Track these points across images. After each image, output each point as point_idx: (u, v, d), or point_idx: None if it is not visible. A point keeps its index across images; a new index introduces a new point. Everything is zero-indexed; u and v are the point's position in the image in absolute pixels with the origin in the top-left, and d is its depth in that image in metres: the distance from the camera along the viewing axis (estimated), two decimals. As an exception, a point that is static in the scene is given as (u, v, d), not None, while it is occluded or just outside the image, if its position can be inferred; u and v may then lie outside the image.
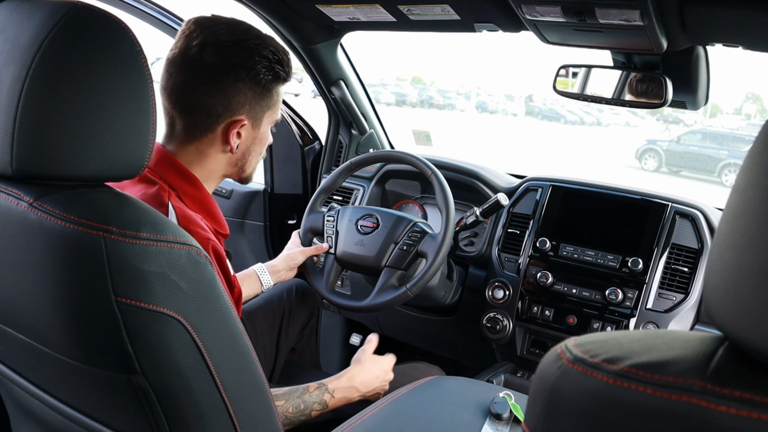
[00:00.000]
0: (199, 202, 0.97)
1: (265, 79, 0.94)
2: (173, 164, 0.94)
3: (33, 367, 0.74)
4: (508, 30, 1.37)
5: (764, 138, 0.35)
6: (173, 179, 0.93)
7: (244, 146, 0.98)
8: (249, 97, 0.94)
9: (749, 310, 0.32)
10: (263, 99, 0.96)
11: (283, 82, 0.98)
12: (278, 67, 0.95)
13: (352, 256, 1.37)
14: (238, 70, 0.91)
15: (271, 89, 0.96)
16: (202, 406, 0.66)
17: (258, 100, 0.95)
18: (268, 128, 1.01)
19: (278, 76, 0.96)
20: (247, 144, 0.99)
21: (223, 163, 0.99)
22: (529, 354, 1.54)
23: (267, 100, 0.97)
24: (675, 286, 1.36)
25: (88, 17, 0.60)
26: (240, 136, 0.96)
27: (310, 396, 1.04)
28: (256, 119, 0.97)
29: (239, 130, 0.95)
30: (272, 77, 0.95)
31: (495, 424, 0.99)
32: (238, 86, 0.92)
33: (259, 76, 0.93)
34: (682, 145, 11.73)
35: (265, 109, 0.98)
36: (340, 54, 1.78)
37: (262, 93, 0.95)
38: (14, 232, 0.62)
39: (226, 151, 0.97)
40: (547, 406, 0.39)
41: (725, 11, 1.02)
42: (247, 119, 0.95)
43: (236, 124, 0.94)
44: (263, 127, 0.99)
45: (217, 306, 0.66)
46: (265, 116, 0.98)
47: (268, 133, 1.02)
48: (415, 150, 1.65)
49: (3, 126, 0.59)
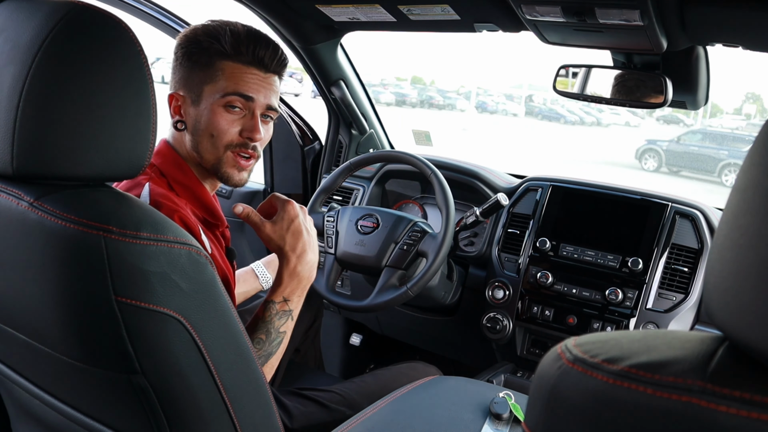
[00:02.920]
0: (186, 188, 0.97)
1: (195, 52, 0.95)
2: (165, 149, 0.99)
3: (33, 367, 0.74)
4: (508, 30, 1.37)
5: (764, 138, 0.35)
6: (163, 165, 0.97)
7: (192, 124, 0.97)
8: (180, 71, 0.98)
9: (749, 310, 0.32)
10: (195, 72, 0.96)
11: (223, 56, 0.95)
12: (211, 41, 0.94)
13: (352, 256, 1.37)
14: (177, 50, 0.97)
15: (205, 62, 0.95)
16: (202, 406, 0.66)
17: (189, 73, 0.96)
18: (216, 106, 0.95)
19: (213, 50, 0.94)
20: (191, 122, 0.97)
21: (185, 148, 0.99)
22: (529, 354, 1.54)
23: (201, 73, 0.95)
24: (675, 286, 1.36)
25: (88, 17, 0.60)
26: (179, 113, 0.98)
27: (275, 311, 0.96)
28: (194, 94, 0.97)
29: (178, 105, 0.98)
30: (203, 50, 0.95)
31: (495, 424, 0.99)
32: (175, 64, 0.98)
33: (190, 49, 0.96)
34: (682, 145, 11.72)
35: (202, 83, 0.96)
36: (340, 54, 1.78)
37: (192, 67, 0.96)
38: (14, 231, 0.62)
39: (179, 130, 0.99)
40: (547, 406, 0.39)
41: (725, 11, 1.02)
42: (184, 93, 0.97)
43: (171, 98, 0.99)
44: (204, 102, 0.96)
45: (217, 306, 0.66)
46: (204, 91, 0.96)
47: (218, 114, 0.96)
48: (415, 150, 1.65)
49: (3, 126, 0.59)
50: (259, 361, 0.77)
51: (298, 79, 16.27)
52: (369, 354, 2.10)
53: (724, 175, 10.30)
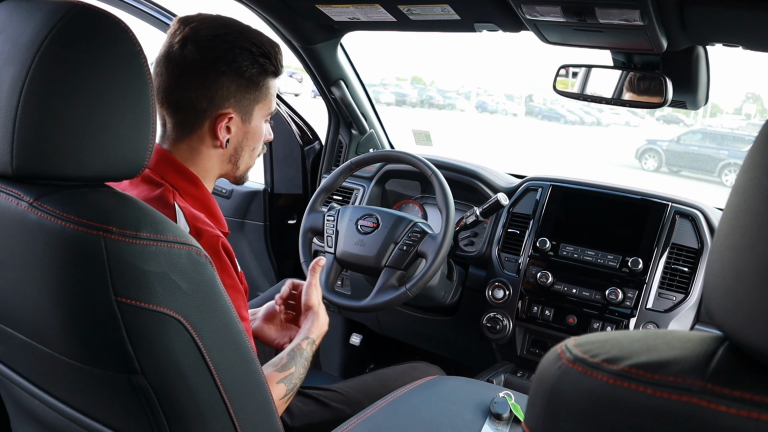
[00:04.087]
0: (200, 201, 0.96)
1: (249, 72, 0.94)
2: (173, 163, 0.94)
3: (33, 367, 0.74)
4: (508, 30, 1.37)
5: (764, 138, 0.35)
6: (174, 179, 0.93)
7: (235, 141, 0.98)
8: (233, 90, 0.94)
9: (749, 310, 0.32)
10: (249, 92, 0.95)
11: (272, 76, 0.97)
12: (263, 60, 0.94)
13: (352, 255, 1.37)
14: (218, 64, 0.91)
15: (258, 82, 0.95)
16: (202, 406, 0.66)
17: (244, 93, 0.95)
18: (261, 122, 1.00)
19: (265, 69, 0.95)
20: (239, 138, 0.98)
21: (217, 160, 0.98)
22: (529, 354, 1.54)
23: (254, 93, 0.96)
24: (675, 286, 1.36)
25: (88, 17, 0.60)
26: (229, 131, 0.96)
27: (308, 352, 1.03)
28: (245, 113, 0.97)
29: (228, 125, 0.95)
30: (257, 70, 0.94)
31: (495, 424, 0.99)
32: (221, 80, 0.92)
33: (242, 69, 0.93)
34: (682, 145, 11.72)
35: (254, 103, 0.97)
36: (340, 54, 1.78)
37: (248, 86, 0.95)
38: (14, 232, 0.62)
39: (217, 147, 0.96)
40: (547, 406, 0.39)
41: (725, 11, 1.02)
42: (234, 113, 0.95)
43: (222, 117, 0.94)
44: (254, 121, 0.98)
45: (217, 306, 0.66)
46: (255, 110, 0.97)
47: (262, 128, 1.01)
48: (415, 150, 1.65)
49: (3, 126, 0.59)
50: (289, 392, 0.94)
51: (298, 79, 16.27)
52: (369, 354, 2.10)
53: (724, 175, 10.30)
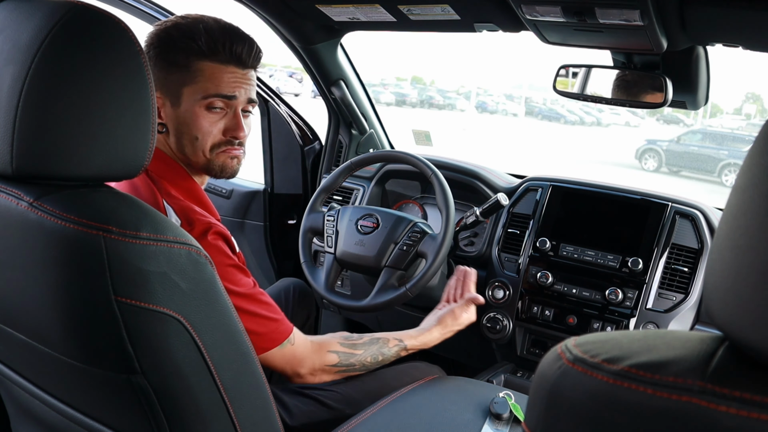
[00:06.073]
0: (187, 191, 0.97)
1: (170, 52, 0.93)
2: (157, 154, 0.95)
3: (33, 367, 0.74)
4: (508, 30, 1.37)
5: (764, 138, 0.35)
6: (155, 167, 0.95)
7: (174, 126, 0.96)
8: (156, 73, 0.94)
9: (749, 310, 0.32)
10: (172, 73, 0.94)
11: (201, 57, 0.93)
12: (187, 40, 0.93)
13: (351, 255, 1.37)
14: (149, 49, 0.94)
15: (182, 63, 0.93)
16: (202, 406, 0.66)
17: (166, 74, 0.94)
18: (195, 107, 0.95)
19: (189, 49, 0.93)
20: (173, 124, 0.96)
21: (170, 148, 0.98)
22: (529, 354, 1.54)
23: (178, 74, 0.94)
24: (675, 286, 1.36)
25: (87, 17, 0.60)
26: (160, 115, 0.96)
27: (389, 350, 1.12)
28: (173, 95, 0.95)
29: (158, 106, 0.95)
30: (179, 50, 0.93)
31: (495, 424, 0.99)
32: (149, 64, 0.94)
33: (165, 49, 0.93)
34: (682, 145, 11.72)
35: (181, 85, 0.94)
36: (340, 54, 1.78)
37: (168, 68, 0.94)
38: (14, 232, 0.62)
39: (160, 133, 0.97)
40: (547, 406, 0.39)
41: (725, 11, 1.02)
42: (161, 95, 0.95)
43: None
44: (185, 104, 0.95)
45: (217, 305, 0.66)
46: (183, 92, 0.94)
47: (198, 114, 0.95)
48: (415, 150, 1.65)
49: (3, 126, 0.59)
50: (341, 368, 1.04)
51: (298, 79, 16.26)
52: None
53: (724, 175, 10.30)
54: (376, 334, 1.13)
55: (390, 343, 1.12)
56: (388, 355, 1.12)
